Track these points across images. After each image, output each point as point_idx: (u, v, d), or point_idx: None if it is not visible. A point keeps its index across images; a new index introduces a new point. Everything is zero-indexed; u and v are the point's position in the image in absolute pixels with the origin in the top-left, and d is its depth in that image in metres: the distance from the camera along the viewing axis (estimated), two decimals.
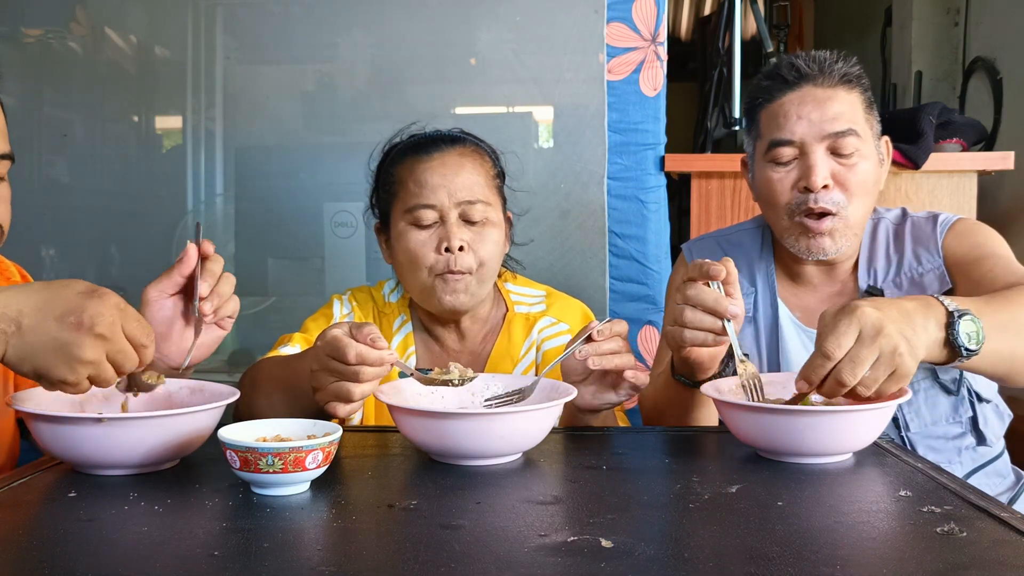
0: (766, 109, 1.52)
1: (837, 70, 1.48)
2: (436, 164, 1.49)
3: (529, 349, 1.56)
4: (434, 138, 1.54)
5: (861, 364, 1.04)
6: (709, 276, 1.21)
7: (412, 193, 1.48)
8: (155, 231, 2.59)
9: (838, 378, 1.05)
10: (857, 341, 1.05)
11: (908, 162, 2.36)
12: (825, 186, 1.45)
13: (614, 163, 2.41)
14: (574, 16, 2.42)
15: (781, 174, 1.49)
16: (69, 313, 0.93)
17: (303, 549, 0.81)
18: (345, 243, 2.52)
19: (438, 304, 1.49)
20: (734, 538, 0.82)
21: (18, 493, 0.99)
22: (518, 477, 1.05)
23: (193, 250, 1.19)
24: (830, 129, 1.46)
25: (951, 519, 0.86)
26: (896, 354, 1.05)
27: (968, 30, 3.44)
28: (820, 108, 1.46)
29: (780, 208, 1.50)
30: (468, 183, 1.48)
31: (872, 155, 1.50)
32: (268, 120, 2.62)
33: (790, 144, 1.48)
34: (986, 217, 2.50)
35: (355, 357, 1.11)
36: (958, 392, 1.48)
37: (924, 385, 1.48)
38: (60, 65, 2.67)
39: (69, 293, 0.94)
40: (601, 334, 1.22)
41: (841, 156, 1.46)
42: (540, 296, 1.63)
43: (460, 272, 1.46)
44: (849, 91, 1.49)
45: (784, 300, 1.58)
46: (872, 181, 1.50)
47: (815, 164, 1.45)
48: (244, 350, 2.55)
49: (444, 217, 1.47)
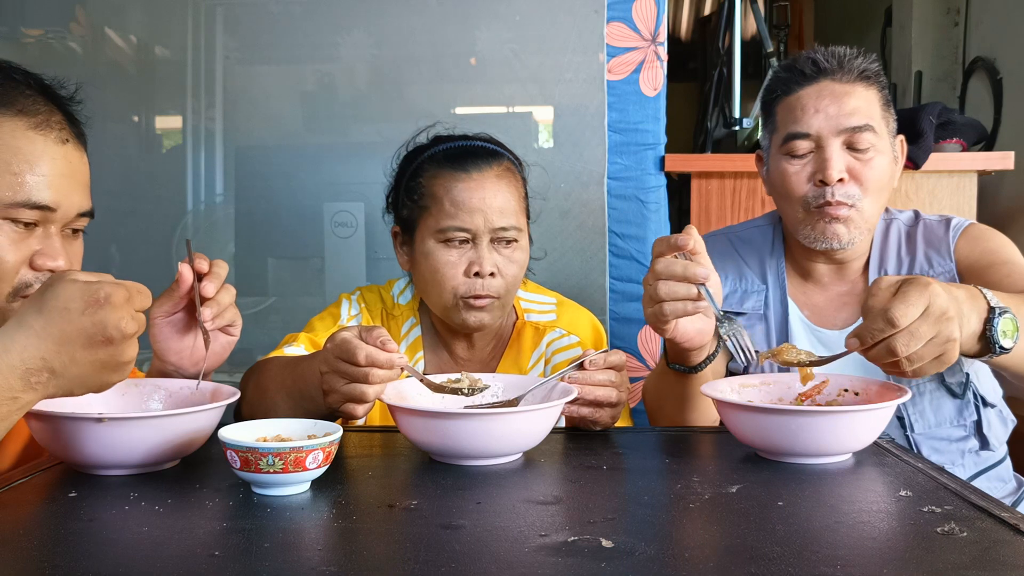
0: (783, 102, 1.53)
1: (856, 66, 1.49)
2: (474, 185, 1.45)
3: (538, 361, 1.55)
4: (471, 152, 1.50)
5: (919, 339, 1.04)
6: (676, 247, 1.19)
7: (447, 213, 1.45)
8: (155, 231, 2.59)
9: (891, 346, 1.04)
10: (922, 316, 1.04)
11: (908, 162, 2.36)
12: (840, 180, 1.46)
13: (614, 163, 2.41)
14: (574, 16, 2.42)
15: (797, 167, 1.50)
16: (92, 338, 0.91)
17: (303, 549, 0.81)
18: (345, 243, 2.52)
19: (460, 323, 1.48)
20: (734, 538, 0.82)
21: (18, 493, 0.99)
22: (518, 477, 1.05)
23: (187, 271, 1.20)
24: (847, 124, 1.46)
25: (951, 519, 0.86)
26: (949, 341, 1.05)
27: (968, 30, 3.44)
28: (838, 102, 1.47)
29: (795, 200, 1.51)
30: (504, 208, 1.45)
31: (887, 152, 1.51)
32: (268, 120, 2.62)
33: (806, 137, 1.48)
34: (986, 217, 2.50)
35: (365, 359, 1.10)
36: (963, 396, 1.48)
37: (930, 387, 1.48)
38: (60, 65, 2.67)
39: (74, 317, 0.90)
40: (594, 364, 1.22)
41: (857, 151, 1.47)
42: (551, 304, 1.61)
43: (488, 296, 1.45)
44: (867, 88, 1.49)
45: (794, 298, 1.59)
46: (887, 177, 1.50)
47: (831, 157, 1.46)
48: (244, 350, 2.54)
49: (476, 240, 1.45)
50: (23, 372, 0.89)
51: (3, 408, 0.89)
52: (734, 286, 1.62)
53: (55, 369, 0.91)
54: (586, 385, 1.21)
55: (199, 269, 1.21)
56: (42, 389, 0.92)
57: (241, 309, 1.27)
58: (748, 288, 1.61)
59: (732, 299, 1.60)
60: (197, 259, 1.22)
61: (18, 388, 0.90)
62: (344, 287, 1.67)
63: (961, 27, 3.49)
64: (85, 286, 0.91)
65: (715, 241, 1.67)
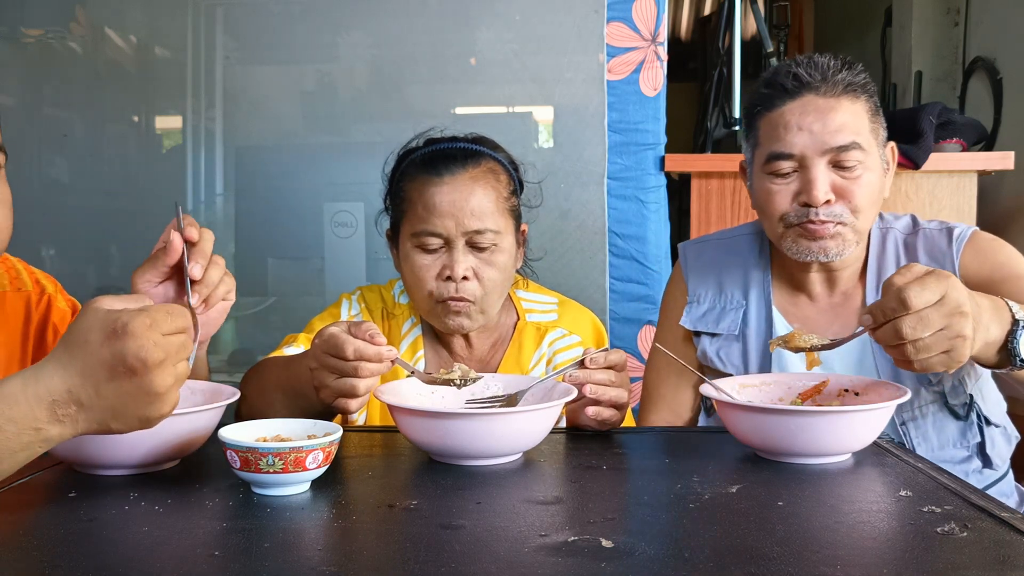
0: (765, 118, 1.45)
1: (841, 80, 1.41)
2: (446, 189, 1.43)
3: (539, 361, 1.54)
4: (448, 154, 1.48)
5: (927, 327, 1.03)
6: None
7: (420, 217, 1.44)
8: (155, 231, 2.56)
9: (898, 327, 1.03)
10: (936, 304, 1.03)
11: (908, 162, 2.37)
12: (827, 200, 1.40)
13: (614, 163, 2.41)
14: (574, 16, 2.42)
15: (780, 186, 1.43)
16: (114, 369, 0.86)
17: (303, 549, 0.81)
18: (345, 243, 2.52)
19: (441, 326, 1.48)
20: (734, 538, 0.82)
21: (18, 493, 0.99)
22: (518, 477, 1.05)
23: (177, 238, 1.16)
24: (832, 143, 1.39)
25: (951, 519, 0.86)
26: (959, 337, 1.04)
27: (968, 30, 3.44)
28: (822, 119, 1.39)
29: (776, 221, 1.45)
30: (478, 210, 1.43)
31: (877, 166, 1.43)
32: (268, 120, 2.62)
33: (790, 158, 1.41)
34: (986, 217, 2.51)
35: (353, 353, 1.11)
36: (967, 418, 1.44)
37: (932, 409, 1.44)
38: (60, 65, 2.67)
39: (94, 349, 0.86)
40: (595, 362, 1.22)
41: (843, 169, 1.40)
42: (552, 304, 1.60)
43: (463, 300, 1.44)
44: (853, 100, 1.42)
45: (781, 310, 1.53)
46: (876, 192, 1.43)
47: (816, 179, 1.39)
48: (244, 350, 2.55)
49: (450, 244, 1.43)
50: (49, 403, 0.86)
51: (25, 437, 0.86)
52: (712, 303, 1.56)
53: (82, 402, 0.87)
54: (598, 386, 1.20)
55: (189, 237, 1.16)
56: (70, 423, 0.87)
57: (241, 309, 1.27)
58: (726, 305, 1.55)
59: (708, 318, 1.55)
60: (187, 226, 1.17)
61: (43, 419, 0.86)
62: (344, 287, 1.67)
63: (961, 27, 3.49)
64: (106, 315, 0.88)
65: (701, 248, 1.63)
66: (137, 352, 0.85)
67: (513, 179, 1.53)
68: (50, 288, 1.47)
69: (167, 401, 0.89)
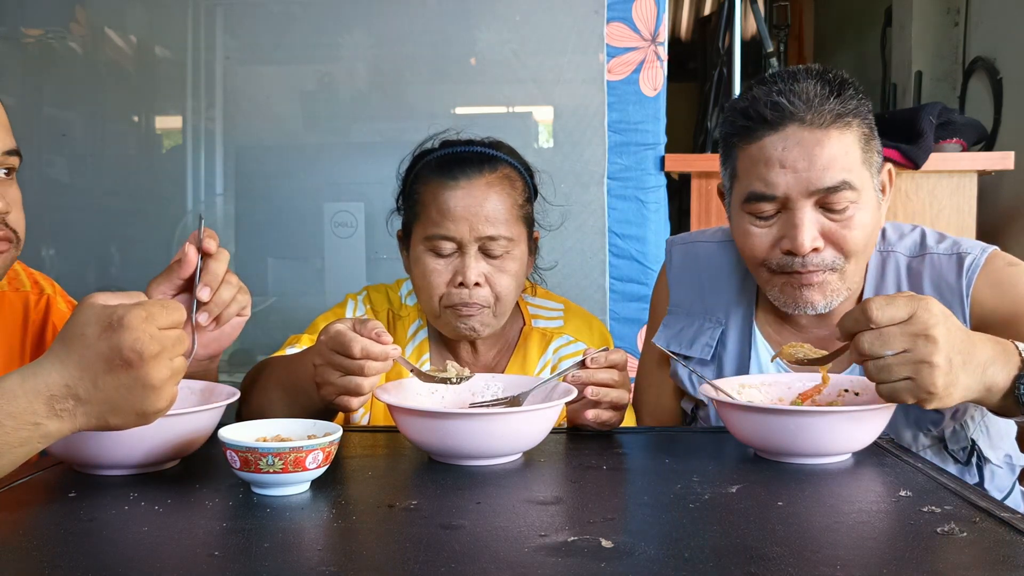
0: (743, 150, 1.28)
1: (829, 109, 1.23)
2: (461, 193, 1.42)
3: (544, 367, 1.53)
4: (464, 158, 1.46)
5: (884, 344, 0.98)
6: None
7: (433, 221, 1.43)
8: (155, 231, 2.60)
9: (857, 343, 1.00)
10: (901, 324, 0.98)
11: (908, 162, 2.36)
12: (815, 248, 1.25)
13: (614, 163, 2.41)
14: (574, 16, 2.42)
15: (761, 229, 1.28)
16: (110, 361, 0.87)
17: (303, 549, 0.81)
18: (345, 243, 2.52)
19: (450, 331, 1.47)
20: (734, 538, 0.82)
21: (18, 493, 0.99)
22: (518, 477, 1.05)
23: (192, 252, 1.16)
24: (819, 183, 1.23)
25: (951, 519, 0.86)
26: (924, 363, 0.97)
27: (968, 30, 3.44)
28: (808, 155, 1.23)
29: (758, 266, 1.32)
30: (493, 216, 1.42)
31: (871, 202, 1.27)
32: (268, 120, 2.62)
33: (772, 200, 1.26)
34: (986, 217, 2.51)
35: (360, 351, 1.10)
36: (968, 462, 1.34)
37: (928, 453, 1.33)
38: (60, 65, 2.68)
39: (91, 342, 0.87)
40: (595, 362, 1.21)
41: (833, 212, 1.25)
42: (558, 310, 1.59)
43: (475, 305, 1.42)
44: (843, 131, 1.24)
45: (766, 337, 1.40)
46: (871, 232, 1.28)
47: (801, 224, 1.24)
48: (244, 350, 2.55)
49: (463, 249, 1.42)
50: (47, 398, 0.87)
51: (24, 432, 0.87)
52: (690, 317, 1.46)
53: (80, 396, 0.87)
54: (600, 388, 1.20)
55: (206, 249, 1.16)
56: (69, 417, 0.88)
57: None
58: (702, 325, 1.44)
59: (683, 336, 1.45)
60: (206, 237, 1.16)
61: (42, 414, 0.87)
62: (344, 287, 1.67)
63: (961, 27, 3.49)
64: (101, 310, 0.88)
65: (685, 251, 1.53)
66: (133, 344, 0.86)
67: (528, 186, 1.52)
68: (49, 289, 1.48)
69: (163, 395, 0.89)
